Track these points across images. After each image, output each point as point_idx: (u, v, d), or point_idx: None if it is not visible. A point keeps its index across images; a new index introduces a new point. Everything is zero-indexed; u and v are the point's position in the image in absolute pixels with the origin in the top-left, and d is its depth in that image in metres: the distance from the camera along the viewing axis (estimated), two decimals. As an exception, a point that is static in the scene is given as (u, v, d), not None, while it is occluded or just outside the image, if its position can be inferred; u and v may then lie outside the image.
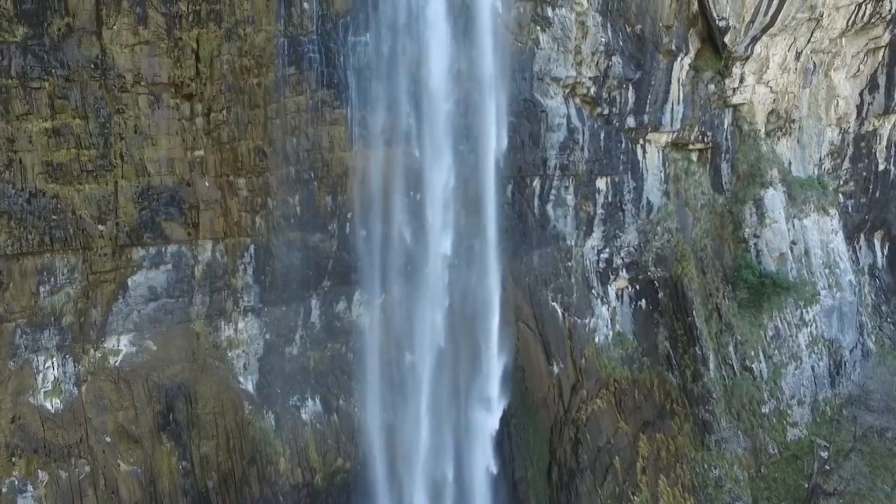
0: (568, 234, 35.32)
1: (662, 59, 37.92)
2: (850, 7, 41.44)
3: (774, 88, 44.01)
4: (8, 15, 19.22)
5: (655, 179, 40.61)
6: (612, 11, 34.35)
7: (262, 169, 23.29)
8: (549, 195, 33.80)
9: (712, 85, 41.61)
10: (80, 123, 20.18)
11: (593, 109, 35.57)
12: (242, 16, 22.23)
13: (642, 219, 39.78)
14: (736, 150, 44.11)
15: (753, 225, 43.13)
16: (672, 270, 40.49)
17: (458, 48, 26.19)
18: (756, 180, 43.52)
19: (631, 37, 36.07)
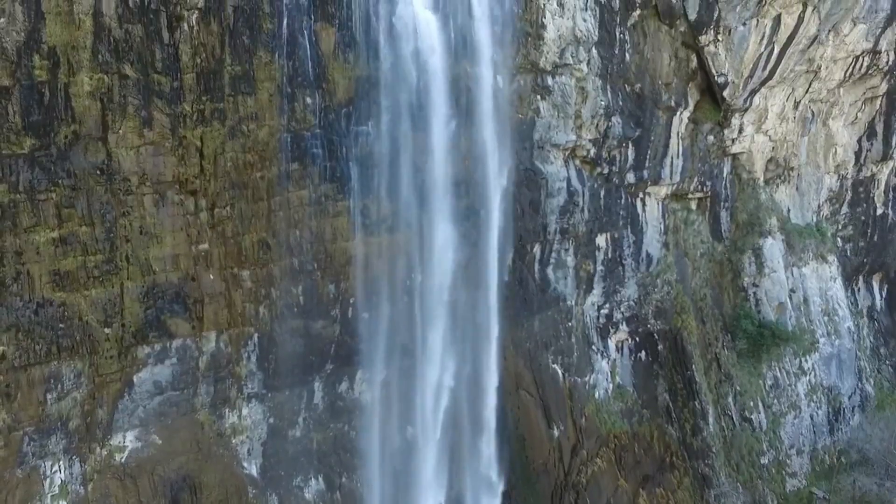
0: (568, 294, 35.92)
1: (662, 115, 38.61)
2: (847, 60, 42.10)
3: (773, 137, 44.67)
4: (16, 128, 19.73)
5: (655, 231, 41.25)
6: (612, 74, 34.99)
7: (265, 261, 23.85)
8: (550, 259, 34.42)
9: (711, 136, 42.27)
10: (86, 230, 20.70)
11: (593, 170, 36.19)
12: (246, 112, 22.78)
13: (642, 272, 40.42)
14: (735, 199, 44.77)
15: (752, 274, 43.77)
16: (672, 323, 41.14)
17: (459, 129, 26.96)
18: (755, 229, 44.21)
19: (630, 95, 36.72)
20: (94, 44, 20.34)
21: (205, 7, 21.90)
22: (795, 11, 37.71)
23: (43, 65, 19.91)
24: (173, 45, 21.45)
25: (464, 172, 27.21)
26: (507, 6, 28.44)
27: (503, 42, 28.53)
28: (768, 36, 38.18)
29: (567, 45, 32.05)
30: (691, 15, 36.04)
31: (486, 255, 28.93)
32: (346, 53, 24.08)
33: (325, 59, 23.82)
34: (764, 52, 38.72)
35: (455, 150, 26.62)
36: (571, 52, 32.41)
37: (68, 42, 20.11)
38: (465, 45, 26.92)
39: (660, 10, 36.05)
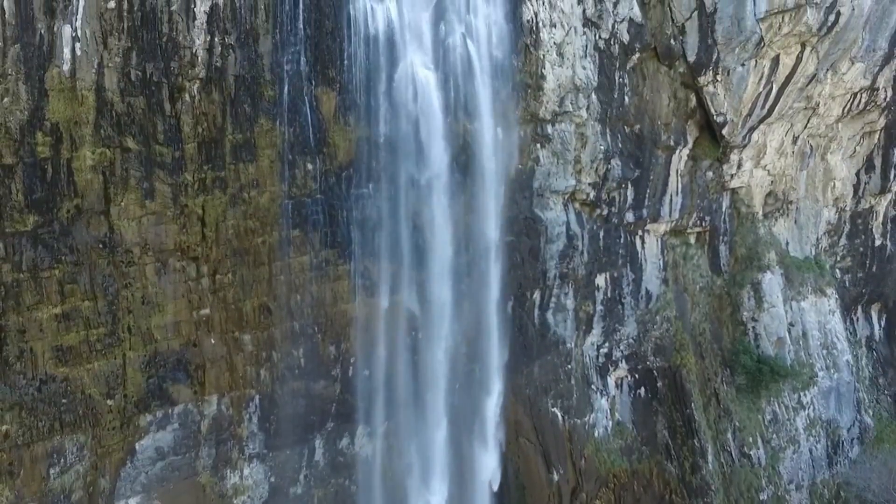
0: (568, 337, 36.26)
1: (661, 154, 39.00)
2: (845, 96, 42.50)
3: (772, 171, 45.05)
4: (19, 206, 20.02)
5: (654, 268, 41.61)
6: (612, 117, 35.41)
7: (266, 325, 24.16)
8: (550, 304, 34.77)
9: (710, 172, 42.65)
10: (89, 305, 21.01)
11: (592, 212, 36.54)
12: (247, 180, 23.10)
13: (641, 309, 40.76)
14: (734, 233, 45.14)
15: (751, 308, 44.13)
16: (671, 360, 41.51)
17: (459, 186, 27.23)
18: (754, 263, 44.57)
19: (630, 136, 37.08)
20: (96, 119, 20.64)
21: (206, 77, 22.23)
22: (794, 52, 38.05)
23: (46, 141, 20.22)
24: (175, 115, 21.74)
25: (464, 228, 27.46)
26: (507, 60, 28.85)
27: (503, 96, 28.96)
28: (767, 76, 38.53)
29: (566, 94, 32.43)
30: (690, 57, 36.35)
31: (487, 307, 29.42)
32: (346, 116, 24.43)
33: (326, 122, 24.15)
34: (763, 92, 39.07)
35: (455, 206, 27.04)
36: (571, 99, 32.78)
37: (71, 118, 20.39)
38: (464, 102, 27.33)
39: (659, 52, 36.41)
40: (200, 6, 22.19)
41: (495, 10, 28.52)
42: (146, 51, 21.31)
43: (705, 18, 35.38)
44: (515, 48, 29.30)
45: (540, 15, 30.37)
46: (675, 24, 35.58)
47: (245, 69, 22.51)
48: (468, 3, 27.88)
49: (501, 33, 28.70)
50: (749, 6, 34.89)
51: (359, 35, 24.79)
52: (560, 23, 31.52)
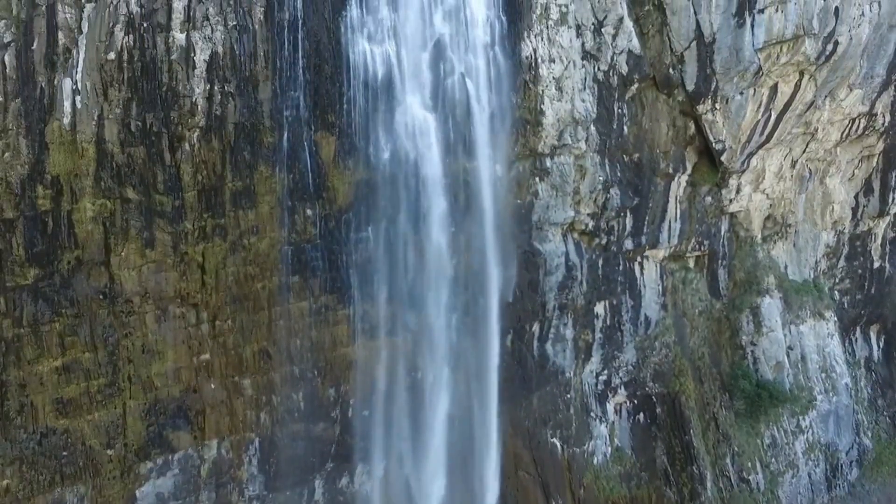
0: (567, 366, 36.48)
1: (660, 181, 39.26)
2: (843, 122, 42.84)
3: (771, 195, 45.29)
4: (20, 260, 20.25)
5: (653, 293, 41.84)
6: (611, 148, 35.71)
7: (266, 369, 24.42)
8: (549, 335, 34.99)
9: (709, 197, 42.90)
10: (89, 356, 21.22)
11: (591, 241, 36.75)
12: (247, 226, 23.34)
13: (640, 335, 40.99)
14: (733, 256, 45.40)
15: (750, 333, 44.41)
16: (670, 386, 41.73)
17: (459, 226, 27.34)
18: (753, 288, 44.80)
19: (629, 165, 37.31)
20: (96, 170, 20.86)
21: (206, 125, 22.46)
22: (792, 80, 38.34)
23: (46, 194, 20.45)
24: (175, 165, 21.95)
25: (464, 266, 27.64)
26: (506, 98, 29.13)
27: (502, 133, 29.31)
28: (765, 104, 38.81)
29: (565, 127, 32.72)
30: (689, 86, 36.58)
31: (486, 343, 29.70)
32: (345, 160, 24.68)
33: (326, 167, 24.39)
34: (761, 119, 39.34)
35: (455, 244, 27.21)
36: (570, 132, 33.04)
37: (71, 170, 20.62)
38: (463, 142, 27.64)
39: (658, 81, 36.66)
40: (200, 55, 22.41)
41: (494, 47, 28.78)
42: (146, 101, 21.52)
43: (704, 48, 35.60)
44: (514, 85, 29.58)
45: (539, 51, 30.59)
46: (673, 54, 35.79)
47: (245, 117, 22.73)
48: (467, 41, 28.16)
49: (500, 71, 28.96)
50: (747, 37, 35.14)
51: (358, 79, 25.05)
52: (559, 57, 31.76)
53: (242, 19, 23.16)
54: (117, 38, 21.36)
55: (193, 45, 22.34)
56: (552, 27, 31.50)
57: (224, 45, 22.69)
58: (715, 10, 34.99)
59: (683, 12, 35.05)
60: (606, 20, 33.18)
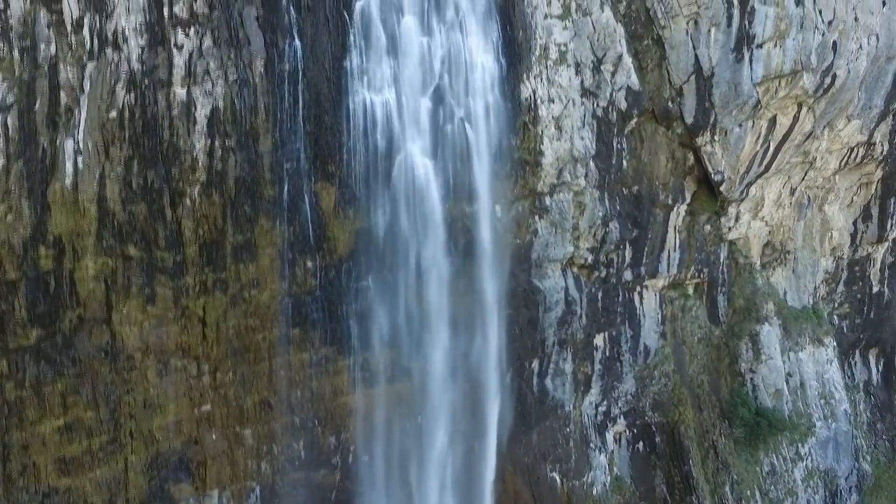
0: (566, 400, 36.75)
1: (659, 212, 39.61)
2: (842, 151, 43.28)
3: (769, 222, 45.62)
4: (22, 322, 20.42)
5: (652, 322, 42.15)
6: (610, 182, 35.90)
7: (267, 419, 24.75)
8: (548, 370, 35.30)
9: (708, 225, 43.24)
10: (91, 414, 21.51)
11: (591, 274, 37.04)
12: (248, 279, 23.62)
13: (639, 365, 41.33)
14: (732, 283, 45.74)
15: (749, 360, 44.77)
16: (669, 416, 42.06)
17: (458, 270, 27.48)
18: (752, 315, 45.15)
19: (628, 198, 37.64)
20: (98, 229, 21.13)
21: (207, 180, 22.68)
22: (791, 112, 38.69)
23: (48, 254, 20.72)
24: (176, 220, 22.23)
25: (463, 309, 27.86)
26: (505, 141, 29.48)
27: (501, 175, 29.64)
28: (764, 135, 39.18)
29: (565, 165, 33.06)
30: (688, 118, 36.92)
31: (486, 384, 30.08)
32: (346, 210, 25.00)
33: (326, 217, 24.70)
34: (760, 150, 39.71)
35: (454, 290, 27.47)
36: (569, 170, 33.39)
37: (73, 230, 20.89)
38: (463, 187, 28.01)
39: (657, 114, 37.01)
40: (201, 110, 22.68)
41: (494, 91, 29.05)
42: (147, 158, 21.78)
43: (702, 82, 35.93)
44: (514, 127, 29.92)
45: (538, 92, 30.88)
46: (672, 87, 36.13)
47: (245, 171, 23.02)
48: (466, 85, 28.48)
49: (500, 114, 29.29)
50: (746, 71, 35.45)
51: (358, 128, 25.34)
52: (558, 97, 32.05)
53: (243, 73, 23.42)
54: (119, 95, 21.62)
55: (194, 101, 22.60)
56: (551, 67, 31.80)
57: (225, 99, 22.97)
58: (713, 44, 35.31)
59: (682, 47, 35.36)
60: (605, 57, 33.46)
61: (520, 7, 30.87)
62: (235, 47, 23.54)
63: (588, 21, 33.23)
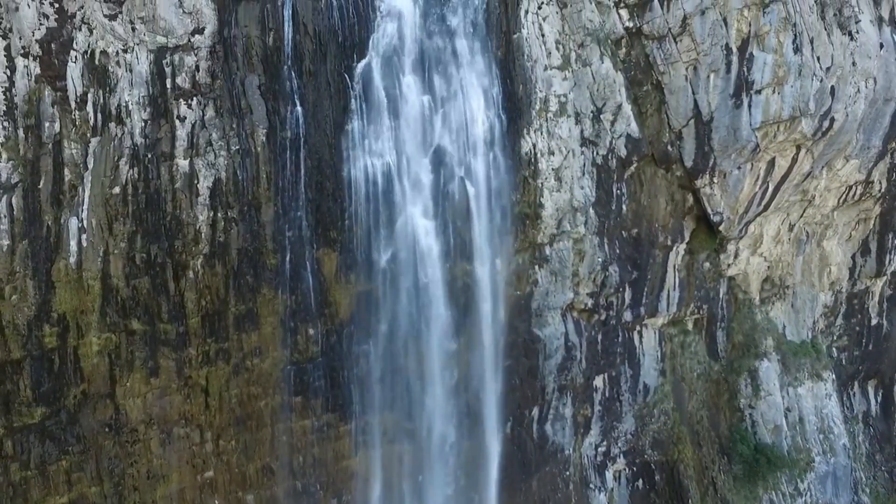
0: (566, 444, 37.12)
1: (658, 252, 39.93)
2: (840, 189, 43.74)
3: (768, 258, 46.03)
4: (27, 401, 20.71)
5: (652, 360, 42.58)
6: (609, 228, 36.08)
7: (269, 484, 25.02)
8: (548, 416, 35.68)
9: (707, 263, 43.68)
10: (95, 490, 22.04)
11: (590, 318, 37.42)
12: (250, 348, 23.97)
13: (639, 403, 41.68)
14: (731, 319, 46.15)
15: (749, 396, 45.14)
16: (668, 454, 42.42)
17: (459, 329, 27.73)
18: (751, 351, 45.55)
19: (627, 241, 38.02)
20: (102, 305, 21.51)
21: (209, 252, 22.89)
22: (789, 154, 39.11)
23: (53, 332, 21.08)
24: (179, 293, 22.59)
25: (464, 366, 28.13)
26: (506, 197, 29.90)
27: (501, 232, 29.82)
28: (763, 177, 39.60)
29: (564, 215, 33.51)
30: (687, 162, 37.37)
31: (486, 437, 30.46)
32: (347, 275, 25.30)
33: (328, 282, 25.06)
34: (759, 191, 40.13)
35: (455, 349, 27.67)
36: (569, 219, 33.84)
37: (77, 307, 21.24)
38: (463, 246, 28.47)
39: (656, 157, 37.45)
40: (203, 182, 22.99)
41: (494, 148, 29.39)
42: (151, 232, 22.12)
43: (702, 127, 36.35)
44: (514, 182, 30.33)
45: (538, 145, 31.24)
46: (672, 131, 36.55)
47: (247, 241, 23.38)
48: (467, 143, 28.80)
49: (500, 170, 29.69)
50: (745, 117, 35.87)
51: (359, 193, 25.74)
52: (558, 149, 32.43)
53: (245, 142, 23.75)
54: (122, 171, 21.94)
55: (197, 172, 22.92)
56: (551, 119, 32.18)
57: (227, 170, 23.30)
58: (713, 90, 35.71)
59: (681, 92, 35.76)
60: (605, 107, 33.85)
61: (520, 61, 31.25)
62: (238, 117, 23.88)
63: (588, 71, 33.60)
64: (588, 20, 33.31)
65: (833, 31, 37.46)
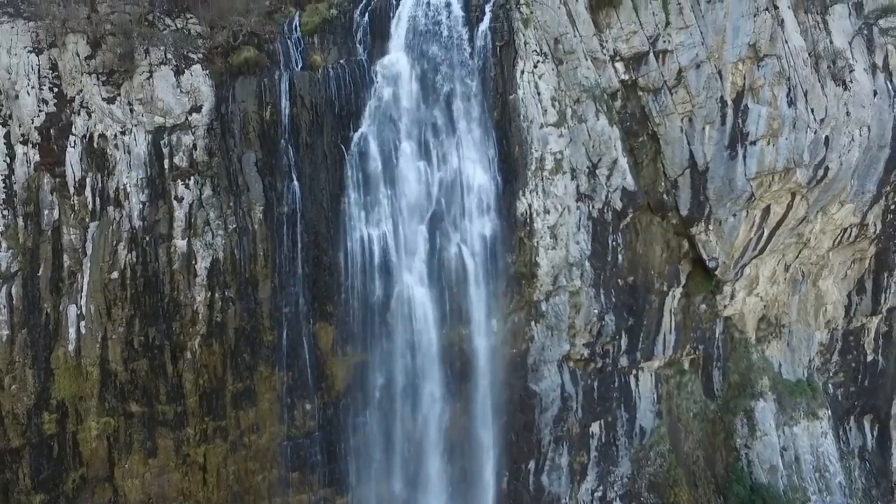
0: (563, 492, 37.59)
1: (655, 298, 40.27)
2: (835, 231, 43.95)
3: (764, 298, 46.38)
4: (27, 489, 20.94)
5: (648, 402, 42.89)
6: (605, 278, 36.35)
7: (267, 556, 24.89)
8: (544, 467, 36.14)
9: (704, 304, 44.06)
10: None
11: (587, 366, 37.82)
12: (247, 425, 24.34)
13: (635, 447, 42.04)
14: (727, 358, 46.62)
15: (745, 436, 45.52)
16: (664, 497, 42.68)
17: (455, 395, 28.07)
18: (747, 391, 45.96)
19: (623, 289, 38.45)
20: (100, 391, 21.84)
21: (207, 332, 23.11)
22: (784, 201, 39.54)
23: (52, 419, 21.41)
24: (177, 374, 22.92)
25: (459, 431, 28.39)
26: (502, 260, 30.21)
27: (497, 293, 29.99)
28: (758, 223, 40.04)
29: (560, 271, 33.91)
30: (683, 210, 37.84)
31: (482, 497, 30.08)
32: (344, 347, 25.44)
33: (324, 356, 25.43)
34: (754, 237, 40.56)
35: (451, 415, 28.21)
36: (565, 274, 34.22)
37: (76, 393, 21.58)
38: (459, 310, 28.84)
39: (652, 206, 37.78)
40: (201, 262, 23.32)
41: (490, 211, 29.73)
42: (149, 315, 22.45)
43: (697, 176, 36.79)
44: (510, 245, 30.59)
45: (534, 205, 31.60)
46: (667, 180, 37.02)
47: (245, 320, 23.75)
48: (463, 208, 29.02)
49: (496, 234, 30.12)
50: (740, 168, 36.30)
51: (356, 266, 26.12)
52: (554, 207, 32.78)
53: (242, 220, 24.06)
54: (121, 255, 22.28)
55: (195, 253, 23.24)
56: (547, 178, 32.53)
57: (224, 249, 23.67)
58: (708, 141, 36.13)
59: (677, 143, 36.19)
60: (601, 162, 34.23)
61: (516, 122, 31.58)
62: (235, 194, 24.22)
63: (584, 128, 33.96)
64: (584, 77, 33.67)
65: (827, 84, 37.82)
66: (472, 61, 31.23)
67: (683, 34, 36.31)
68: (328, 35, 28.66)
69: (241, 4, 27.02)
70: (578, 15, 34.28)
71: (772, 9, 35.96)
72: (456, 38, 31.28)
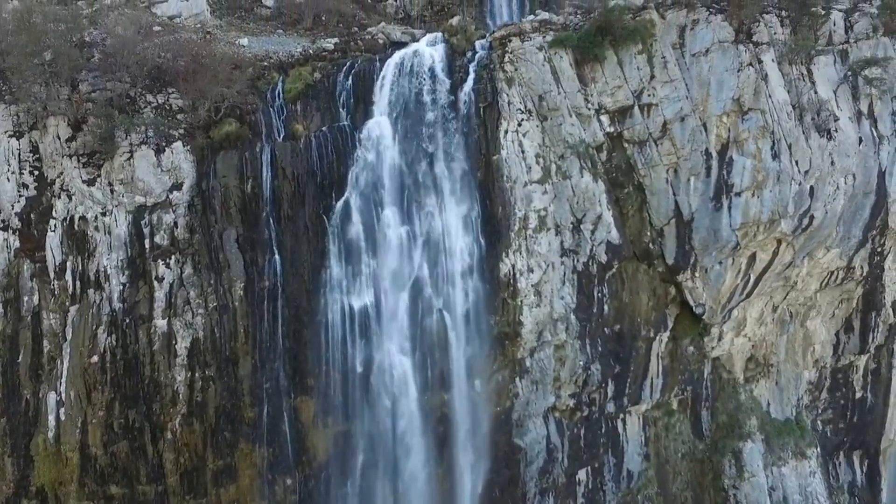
0: (548, 544, 37.28)
1: (641, 345, 40.44)
2: (822, 274, 44.11)
3: (752, 339, 46.89)
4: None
5: (635, 445, 43.28)
6: (591, 330, 36.50)
7: None
8: (529, 521, 35.75)
9: (692, 347, 44.38)
10: None
11: (573, 416, 38.31)
12: (228, 502, 24.10)
13: (622, 491, 42.47)
14: (715, 398, 46.66)
15: (733, 477, 45.96)
16: (652, 543, 42.55)
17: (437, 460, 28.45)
18: (735, 432, 46.34)
19: (609, 337, 38.95)
20: (80, 476, 22.04)
21: (187, 412, 23.36)
22: (770, 248, 40.02)
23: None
24: (157, 454, 23.23)
25: (443, 496, 28.66)
26: (485, 322, 30.46)
27: (481, 356, 30.46)
28: (744, 270, 40.52)
29: (545, 327, 34.45)
30: (669, 259, 38.36)
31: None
32: (325, 419, 25.66)
33: (305, 429, 25.91)
34: (740, 283, 41.00)
35: (433, 479, 28.26)
36: (549, 330, 34.67)
37: (56, 479, 22.01)
38: (441, 376, 28.97)
39: (638, 255, 38.02)
40: (181, 342, 23.66)
41: (473, 274, 29.93)
42: (129, 397, 22.82)
43: (682, 227, 37.28)
44: (493, 306, 30.83)
45: (517, 265, 32.03)
46: (653, 229, 37.36)
47: (225, 398, 24.21)
48: (445, 273, 29.43)
49: (479, 297, 30.61)
50: (725, 218, 36.82)
51: (336, 338, 26.58)
52: (538, 265, 33.23)
53: (223, 298, 24.44)
54: (100, 339, 22.61)
55: (175, 333, 23.58)
56: (531, 236, 32.97)
57: (205, 329, 24.02)
58: (693, 192, 36.59)
59: (662, 194, 36.66)
60: (585, 217, 34.68)
61: (499, 183, 31.98)
62: (216, 271, 24.58)
63: (568, 184, 34.36)
64: (568, 133, 34.06)
65: (811, 135, 38.26)
66: (456, 123, 31.58)
67: (668, 88, 36.78)
68: (311, 101, 28.95)
69: (224, 75, 27.28)
70: (563, 72, 34.67)
71: (756, 63, 36.45)
72: (440, 100, 31.62)
